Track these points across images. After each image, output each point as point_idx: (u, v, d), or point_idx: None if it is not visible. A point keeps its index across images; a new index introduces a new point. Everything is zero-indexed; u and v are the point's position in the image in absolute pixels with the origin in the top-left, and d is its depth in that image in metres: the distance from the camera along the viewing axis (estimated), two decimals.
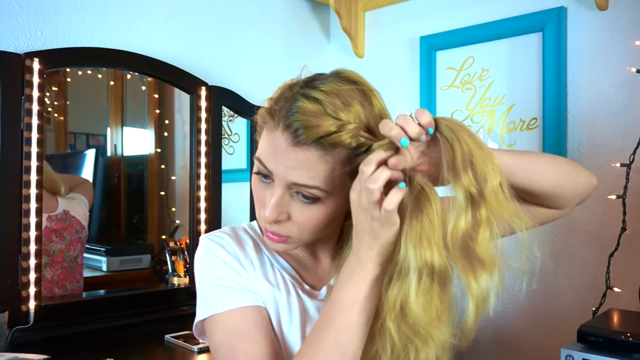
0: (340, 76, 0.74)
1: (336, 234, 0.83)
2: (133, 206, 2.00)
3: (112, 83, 1.93)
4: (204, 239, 0.84)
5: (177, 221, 2.03)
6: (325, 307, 0.71)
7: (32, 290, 1.45)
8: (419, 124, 0.64)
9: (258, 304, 0.78)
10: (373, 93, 0.74)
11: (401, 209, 0.65)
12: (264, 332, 0.75)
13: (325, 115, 0.68)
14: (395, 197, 0.64)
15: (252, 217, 1.95)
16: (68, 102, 1.84)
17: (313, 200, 0.71)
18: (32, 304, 1.45)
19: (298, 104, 0.69)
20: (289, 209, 0.73)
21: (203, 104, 1.85)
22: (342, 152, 0.69)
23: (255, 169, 0.75)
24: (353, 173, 0.69)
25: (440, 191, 0.68)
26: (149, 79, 1.94)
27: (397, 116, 0.66)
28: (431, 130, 0.64)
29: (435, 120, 0.64)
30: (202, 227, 1.84)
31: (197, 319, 0.80)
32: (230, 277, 0.79)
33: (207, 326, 0.79)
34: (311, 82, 0.72)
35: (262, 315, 0.77)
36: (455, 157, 0.62)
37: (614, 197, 1.57)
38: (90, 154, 1.89)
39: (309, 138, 0.67)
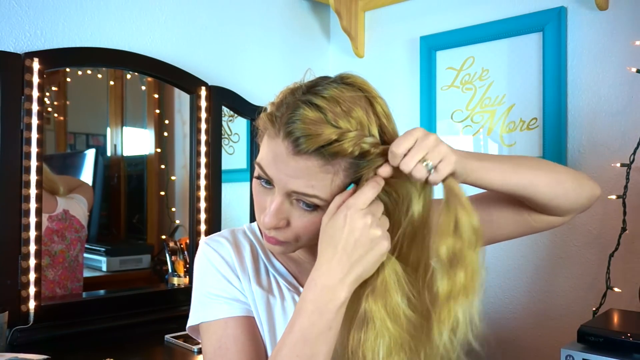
0: (343, 81, 0.73)
1: None
2: (133, 206, 2.00)
3: (112, 83, 1.93)
4: (202, 243, 0.85)
5: (177, 221, 2.03)
6: (287, 332, 0.69)
7: (32, 290, 1.45)
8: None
9: (245, 314, 0.79)
10: (376, 99, 0.73)
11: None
12: (240, 346, 0.77)
13: (326, 123, 0.67)
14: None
15: (252, 217, 1.95)
16: (68, 102, 1.84)
17: (313, 207, 0.71)
18: (32, 304, 1.45)
19: (299, 111, 0.68)
20: (288, 216, 0.73)
21: (203, 104, 1.85)
22: (342, 161, 0.69)
23: (255, 174, 0.74)
24: (354, 182, 0.70)
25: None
26: (149, 79, 1.94)
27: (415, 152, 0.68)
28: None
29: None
30: (202, 227, 1.84)
31: (188, 324, 0.83)
32: (221, 287, 0.80)
33: (200, 331, 0.82)
34: (313, 88, 0.71)
35: (244, 327, 0.78)
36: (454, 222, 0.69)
37: (614, 197, 1.57)
38: (90, 154, 1.89)
39: (309, 147, 0.67)
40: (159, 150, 2.03)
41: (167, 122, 2.04)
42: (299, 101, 0.69)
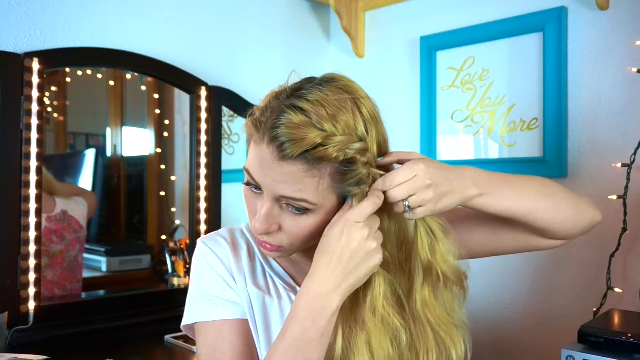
0: (328, 83, 0.72)
1: None
2: (133, 206, 2.00)
3: (112, 83, 1.93)
4: (200, 242, 0.85)
5: (177, 221, 2.02)
6: (280, 338, 0.70)
7: (32, 290, 1.44)
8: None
9: (239, 317, 0.80)
10: (361, 100, 0.72)
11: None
12: (235, 352, 0.78)
13: (310, 126, 0.67)
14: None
15: None
16: (68, 102, 1.84)
17: (303, 211, 0.71)
18: (31, 305, 1.44)
19: (283, 116, 0.67)
20: (279, 220, 0.73)
21: (203, 104, 1.85)
22: (328, 165, 0.68)
23: (245, 180, 0.75)
24: (341, 186, 0.70)
25: None
26: (149, 79, 1.94)
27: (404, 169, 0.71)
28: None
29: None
30: (202, 227, 1.84)
31: (183, 322, 0.83)
32: (218, 288, 0.81)
33: (194, 330, 0.82)
34: (297, 91, 0.71)
35: (239, 332, 0.79)
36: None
37: (614, 197, 1.56)
38: (89, 154, 1.89)
39: (294, 152, 0.66)
40: (158, 150, 2.03)
41: (167, 122, 2.04)
42: (283, 105, 0.69)
